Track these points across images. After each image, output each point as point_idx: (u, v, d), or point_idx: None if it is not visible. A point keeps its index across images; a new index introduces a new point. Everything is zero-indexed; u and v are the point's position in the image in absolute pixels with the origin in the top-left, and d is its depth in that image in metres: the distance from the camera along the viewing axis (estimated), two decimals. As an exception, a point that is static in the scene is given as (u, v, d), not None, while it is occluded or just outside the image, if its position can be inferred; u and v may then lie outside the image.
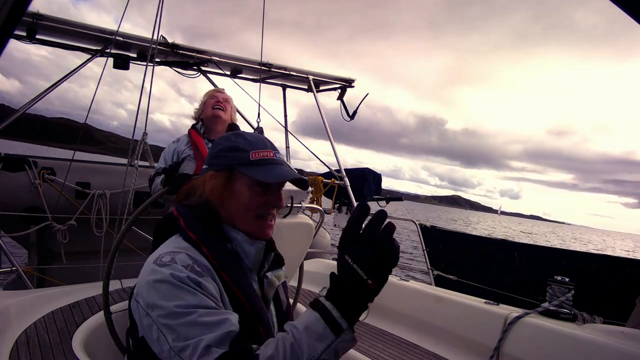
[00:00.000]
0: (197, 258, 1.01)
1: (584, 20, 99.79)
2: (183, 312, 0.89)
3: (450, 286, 3.55)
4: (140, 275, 0.99)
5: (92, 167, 4.15)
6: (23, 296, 2.35)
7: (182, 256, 0.99)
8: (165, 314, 0.90)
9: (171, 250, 1.02)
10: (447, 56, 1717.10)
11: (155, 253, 1.03)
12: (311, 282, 3.15)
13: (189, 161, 2.75)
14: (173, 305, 0.90)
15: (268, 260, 1.20)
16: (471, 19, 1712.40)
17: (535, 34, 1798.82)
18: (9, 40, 0.82)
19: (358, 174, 4.99)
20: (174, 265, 0.96)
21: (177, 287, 0.92)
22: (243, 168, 1.10)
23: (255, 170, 1.09)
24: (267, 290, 1.18)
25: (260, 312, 1.07)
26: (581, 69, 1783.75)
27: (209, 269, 1.01)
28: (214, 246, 1.06)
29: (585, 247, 51.35)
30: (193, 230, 1.07)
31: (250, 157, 1.11)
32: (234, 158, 1.11)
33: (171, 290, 0.92)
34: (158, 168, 2.79)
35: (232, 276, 1.05)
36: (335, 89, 5.11)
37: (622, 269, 4.03)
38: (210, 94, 2.96)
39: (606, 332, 1.98)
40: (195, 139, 2.81)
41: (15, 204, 3.54)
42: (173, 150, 2.81)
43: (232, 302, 1.03)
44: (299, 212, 2.26)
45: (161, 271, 0.94)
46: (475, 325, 2.35)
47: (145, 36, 3.72)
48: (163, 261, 0.97)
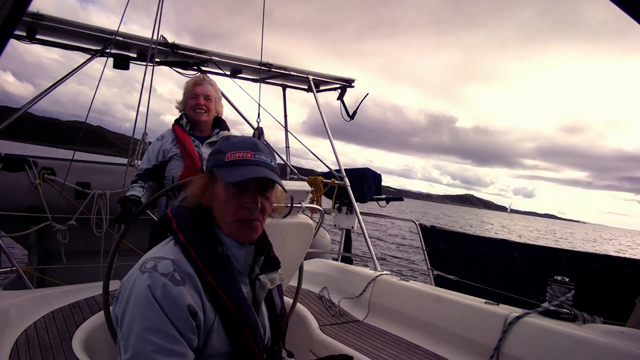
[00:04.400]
0: (180, 265, 1.02)
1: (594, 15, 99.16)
2: (144, 338, 0.92)
3: (450, 286, 3.55)
4: (127, 276, 1.02)
5: (92, 167, 4.15)
6: (23, 296, 2.35)
7: (165, 263, 1.00)
8: (127, 331, 0.94)
9: (157, 255, 1.03)
10: (455, 53, 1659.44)
11: (145, 255, 1.06)
12: (311, 282, 3.15)
13: (176, 160, 2.64)
14: (139, 326, 0.93)
15: (258, 264, 1.20)
16: (478, 15, 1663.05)
17: (544, 30, 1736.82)
18: (9, 40, 0.82)
19: (358, 174, 4.99)
20: (154, 273, 0.98)
21: (148, 306, 0.94)
22: (217, 170, 1.11)
23: (227, 171, 1.09)
24: (258, 292, 1.18)
25: (246, 317, 1.08)
26: (593, 65, 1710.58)
27: (191, 276, 1.02)
28: (203, 250, 1.07)
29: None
30: (184, 233, 1.08)
31: (226, 159, 1.10)
32: (214, 160, 1.13)
33: (142, 308, 0.95)
34: (140, 169, 2.68)
35: (218, 280, 1.05)
36: (335, 89, 5.11)
37: (623, 269, 4.03)
38: (190, 89, 2.73)
39: (606, 332, 1.98)
40: (180, 136, 2.67)
41: (15, 204, 3.54)
42: (158, 148, 2.67)
43: (218, 306, 1.04)
44: (299, 212, 2.25)
45: (141, 280, 0.97)
46: (475, 325, 2.35)
47: (146, 36, 3.72)
48: (146, 267, 0.99)
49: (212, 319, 1.03)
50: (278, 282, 1.26)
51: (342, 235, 5.11)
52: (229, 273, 1.10)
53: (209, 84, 2.77)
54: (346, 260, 4.93)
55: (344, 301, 2.95)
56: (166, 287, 0.96)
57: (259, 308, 1.19)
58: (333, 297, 2.98)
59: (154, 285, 0.96)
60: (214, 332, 1.03)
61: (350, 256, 5.13)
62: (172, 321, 0.94)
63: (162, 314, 0.94)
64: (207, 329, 1.02)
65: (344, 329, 2.62)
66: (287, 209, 2.08)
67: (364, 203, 5.09)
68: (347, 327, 2.66)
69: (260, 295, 1.19)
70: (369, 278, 2.97)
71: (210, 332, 1.03)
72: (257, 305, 1.18)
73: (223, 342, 1.05)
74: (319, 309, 2.84)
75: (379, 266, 3.71)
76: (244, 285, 1.14)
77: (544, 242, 39.86)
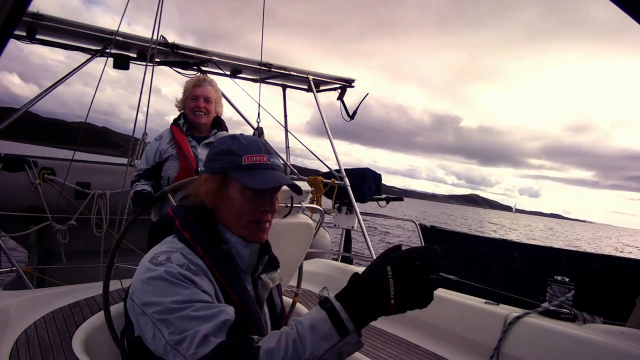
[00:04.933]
0: (192, 258, 1.01)
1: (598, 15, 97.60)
2: (178, 307, 0.89)
3: (450, 286, 3.55)
4: (136, 274, 1.00)
5: (92, 167, 4.15)
6: (23, 296, 2.35)
7: (178, 255, 1.00)
8: (160, 310, 0.90)
9: (166, 249, 1.03)
10: (458, 53, 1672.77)
11: (151, 252, 1.04)
12: (311, 282, 3.15)
13: (172, 161, 2.63)
14: (168, 301, 0.90)
15: (262, 263, 1.20)
16: (481, 15, 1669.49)
17: (548, 30, 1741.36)
18: (9, 40, 0.82)
19: (358, 174, 4.99)
20: (169, 264, 0.96)
21: (172, 283, 0.92)
22: (235, 172, 1.10)
23: (247, 176, 1.09)
24: (260, 292, 1.19)
25: (253, 314, 1.08)
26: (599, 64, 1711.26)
27: (203, 269, 1.02)
28: (209, 248, 1.07)
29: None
30: (188, 231, 1.08)
31: (243, 162, 1.10)
32: (227, 162, 1.11)
33: (166, 287, 0.92)
34: (140, 169, 2.69)
35: (225, 277, 1.05)
36: (335, 89, 5.11)
37: (623, 269, 4.03)
38: (190, 90, 2.71)
39: (606, 332, 1.98)
40: (177, 136, 2.66)
41: (15, 204, 3.54)
42: (155, 149, 2.67)
43: (226, 302, 1.03)
44: (299, 212, 2.25)
45: (156, 269, 0.95)
46: (475, 325, 2.35)
47: (146, 36, 3.72)
48: (158, 260, 0.98)
49: None
50: (278, 281, 1.26)
51: (342, 235, 5.11)
52: (234, 270, 1.10)
53: (209, 84, 2.76)
54: (346, 260, 4.93)
55: (344, 301, 2.94)
56: (183, 273, 0.95)
57: (262, 307, 1.19)
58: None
59: (171, 270, 0.94)
60: None
61: (350, 256, 5.13)
62: (201, 290, 0.93)
63: (187, 286, 0.92)
64: None
65: (344, 329, 2.61)
66: (287, 208, 2.08)
67: (364, 203, 5.09)
68: (347, 327, 2.66)
69: (262, 294, 1.19)
70: (369, 278, 2.95)
71: None
72: (260, 304, 1.18)
73: None
74: (319, 309, 2.83)
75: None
76: (247, 284, 1.14)
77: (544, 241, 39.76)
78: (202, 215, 1.12)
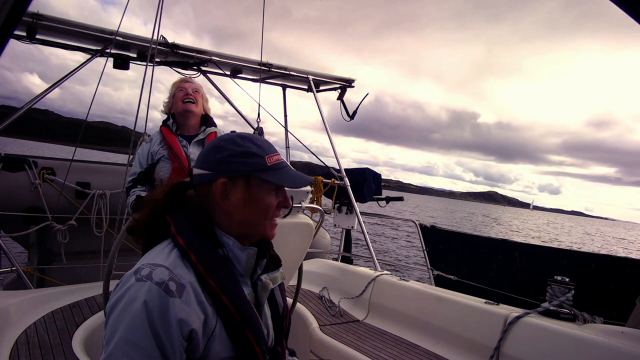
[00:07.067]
0: (176, 274, 0.99)
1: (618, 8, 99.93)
2: (123, 350, 0.90)
3: (450, 286, 3.55)
4: (122, 279, 1.00)
5: (92, 167, 4.15)
6: (23, 296, 2.35)
7: (160, 271, 0.98)
8: (110, 336, 0.92)
9: (153, 262, 1.01)
10: (475, 48, 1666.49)
11: (140, 260, 1.04)
12: (311, 282, 3.15)
13: (164, 162, 2.63)
14: (122, 336, 0.91)
15: (260, 266, 1.19)
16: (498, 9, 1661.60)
17: (567, 23, 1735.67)
18: (9, 40, 0.82)
19: (358, 173, 5.00)
20: (147, 283, 0.95)
21: (134, 324, 0.92)
22: (263, 174, 1.11)
23: (277, 176, 1.12)
24: (260, 293, 1.18)
25: (250, 320, 1.07)
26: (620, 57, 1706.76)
27: (189, 284, 1.00)
28: (204, 253, 1.06)
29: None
30: (183, 236, 1.06)
31: (267, 163, 1.12)
32: (252, 164, 1.10)
33: (129, 318, 0.92)
34: (133, 172, 2.68)
35: (220, 284, 1.04)
36: (335, 89, 5.11)
37: (623, 269, 4.03)
38: (178, 85, 2.75)
39: (606, 332, 1.98)
40: (167, 137, 2.66)
41: (15, 204, 3.54)
42: (147, 151, 2.67)
43: (220, 310, 1.03)
44: (299, 212, 2.25)
45: (134, 288, 0.95)
46: (475, 325, 2.35)
47: (146, 36, 3.72)
48: (141, 275, 0.97)
49: (214, 324, 1.02)
50: (280, 280, 1.25)
51: (342, 235, 5.11)
52: (231, 276, 1.09)
53: (196, 83, 2.83)
54: (346, 260, 4.93)
55: (344, 301, 2.95)
56: (158, 299, 0.94)
57: (262, 309, 1.18)
58: (333, 297, 2.98)
59: (145, 295, 0.93)
60: (215, 337, 1.02)
61: (350, 256, 5.13)
62: (156, 339, 0.92)
63: (147, 329, 0.91)
64: (208, 335, 1.01)
65: (344, 329, 2.62)
66: (287, 209, 2.07)
67: (364, 203, 5.10)
68: (347, 327, 2.67)
69: (262, 296, 1.18)
70: (369, 278, 2.97)
71: (212, 337, 1.02)
72: (260, 306, 1.17)
73: (226, 347, 1.04)
74: (319, 309, 2.84)
75: (379, 266, 3.72)
76: (245, 286, 1.13)
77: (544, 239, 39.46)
78: (199, 217, 1.11)
